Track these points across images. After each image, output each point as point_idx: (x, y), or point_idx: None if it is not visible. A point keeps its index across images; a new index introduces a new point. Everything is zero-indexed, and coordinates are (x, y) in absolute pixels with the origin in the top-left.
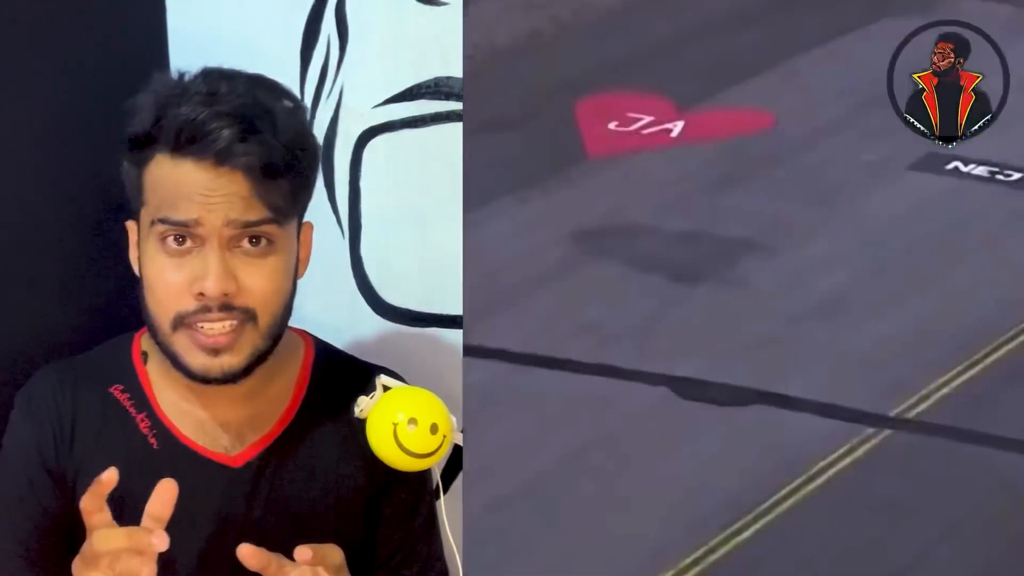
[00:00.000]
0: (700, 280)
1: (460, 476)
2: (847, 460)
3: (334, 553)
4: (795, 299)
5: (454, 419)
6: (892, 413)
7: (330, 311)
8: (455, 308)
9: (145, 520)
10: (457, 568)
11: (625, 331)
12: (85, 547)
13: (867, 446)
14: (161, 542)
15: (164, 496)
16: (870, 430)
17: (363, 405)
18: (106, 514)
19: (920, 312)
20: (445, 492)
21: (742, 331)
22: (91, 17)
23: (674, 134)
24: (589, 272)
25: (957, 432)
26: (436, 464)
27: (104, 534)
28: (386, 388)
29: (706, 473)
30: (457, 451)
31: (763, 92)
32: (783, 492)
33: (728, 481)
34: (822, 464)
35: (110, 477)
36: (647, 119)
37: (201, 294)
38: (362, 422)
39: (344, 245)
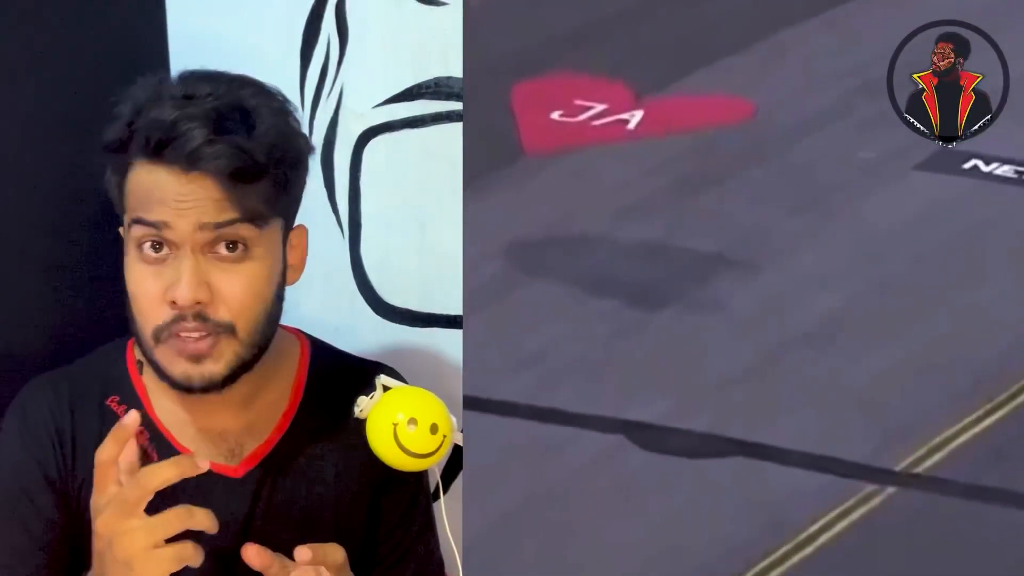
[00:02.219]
0: (663, 303)
1: (460, 476)
2: (843, 523)
3: (336, 552)
4: (780, 326)
5: (454, 419)
6: (898, 467)
7: (330, 311)
8: (455, 308)
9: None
10: (457, 568)
11: (572, 366)
12: (117, 496)
13: (867, 506)
14: (205, 464)
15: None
16: (871, 487)
17: (363, 405)
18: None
19: (930, 342)
20: (445, 492)
21: (715, 366)
22: (91, 17)
23: (631, 126)
24: (528, 293)
25: (975, 490)
26: (436, 464)
27: (150, 470)
28: (386, 388)
29: (672, 538)
30: (457, 451)
31: (740, 75)
32: (766, 562)
33: (699, 548)
34: (813, 528)
35: (133, 420)
36: (599, 107)
37: (174, 302)
38: (361, 422)
39: (344, 245)
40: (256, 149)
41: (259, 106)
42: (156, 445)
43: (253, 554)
